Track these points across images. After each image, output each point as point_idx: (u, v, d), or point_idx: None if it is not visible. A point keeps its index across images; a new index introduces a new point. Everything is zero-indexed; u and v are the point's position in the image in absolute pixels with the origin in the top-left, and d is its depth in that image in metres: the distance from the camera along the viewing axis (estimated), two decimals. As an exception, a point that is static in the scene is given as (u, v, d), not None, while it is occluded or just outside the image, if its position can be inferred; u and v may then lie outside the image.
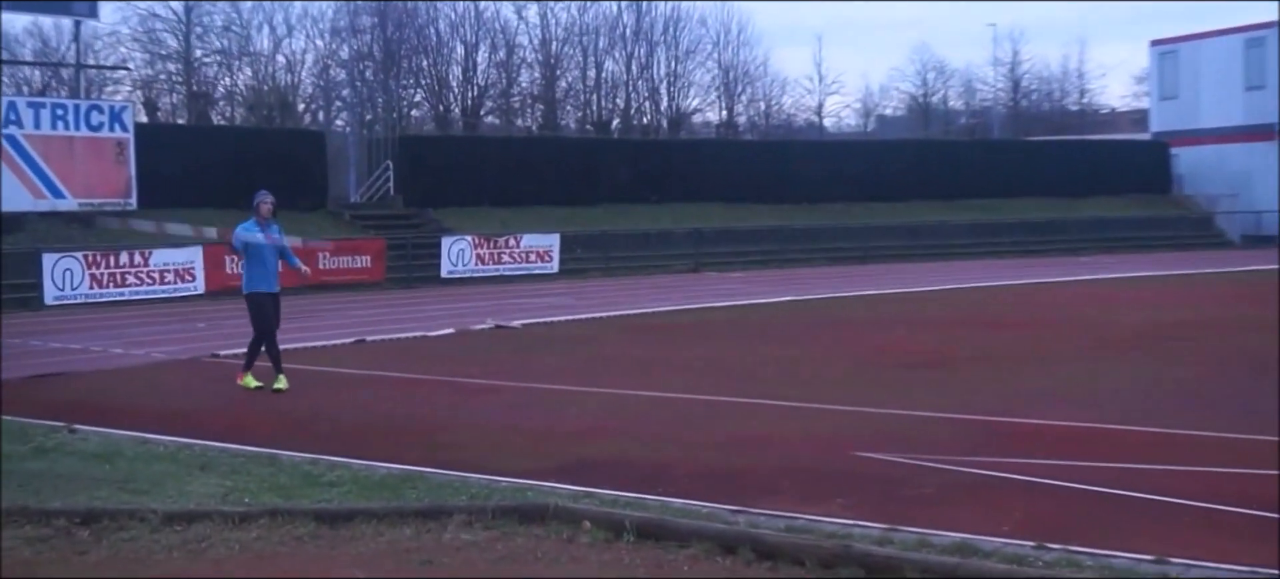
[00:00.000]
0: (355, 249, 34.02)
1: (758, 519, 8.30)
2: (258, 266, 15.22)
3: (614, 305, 26.78)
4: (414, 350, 19.63)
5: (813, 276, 35.60)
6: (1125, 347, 18.58)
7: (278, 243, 15.39)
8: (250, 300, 15.38)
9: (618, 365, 17.42)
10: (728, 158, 47.43)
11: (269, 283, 15.27)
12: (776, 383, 15.19)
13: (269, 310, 15.27)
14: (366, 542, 7.83)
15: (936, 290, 30.03)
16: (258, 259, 15.21)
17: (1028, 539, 7.67)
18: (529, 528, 8.00)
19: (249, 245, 15.16)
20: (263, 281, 15.24)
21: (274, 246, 15.31)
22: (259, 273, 15.23)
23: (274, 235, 15.34)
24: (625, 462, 10.62)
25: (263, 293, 15.24)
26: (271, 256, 15.27)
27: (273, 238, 15.31)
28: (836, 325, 22.45)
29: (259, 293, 15.25)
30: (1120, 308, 24.90)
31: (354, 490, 9.29)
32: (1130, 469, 9.87)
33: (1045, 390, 14.37)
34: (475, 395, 14.83)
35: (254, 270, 15.24)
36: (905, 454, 10.53)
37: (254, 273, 15.24)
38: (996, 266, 38.91)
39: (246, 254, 15.29)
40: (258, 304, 15.25)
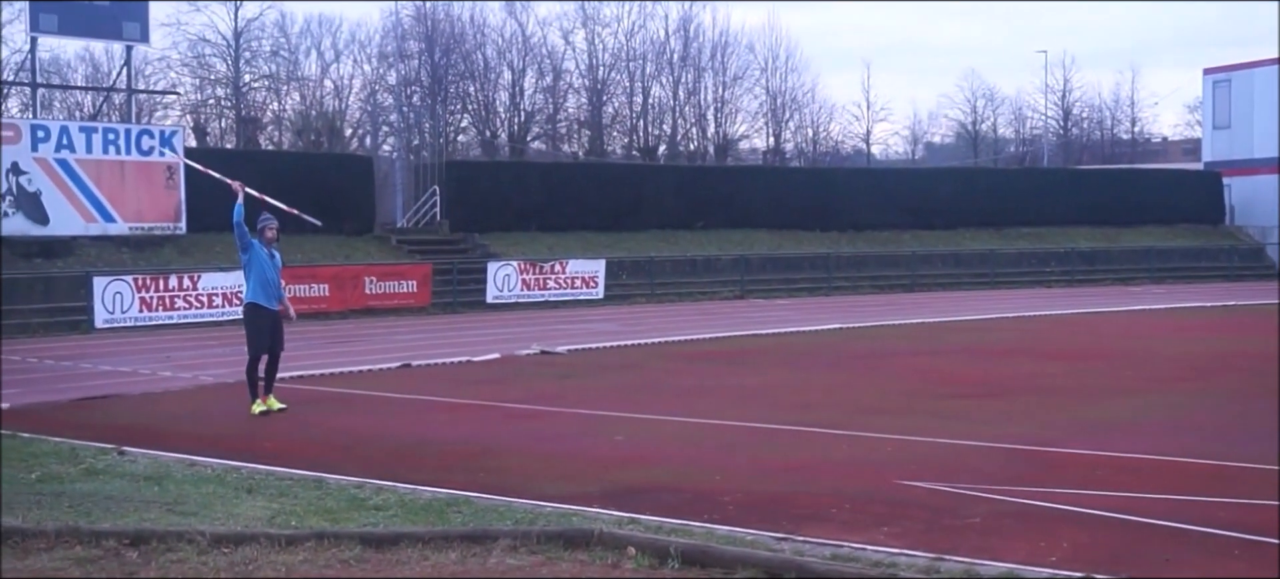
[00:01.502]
0: (401, 274, 34.16)
1: (803, 547, 8.26)
2: (259, 279, 15.34)
3: (659, 332, 26.77)
4: (459, 375, 19.67)
5: (859, 304, 35.49)
6: (1176, 378, 18.42)
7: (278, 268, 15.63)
8: (248, 311, 15.57)
9: (663, 392, 17.41)
10: (774, 184, 47.39)
11: (270, 299, 15.42)
12: (822, 410, 15.14)
13: (267, 326, 15.40)
14: (412, 566, 7.84)
15: (984, 319, 29.88)
16: (260, 271, 15.32)
17: (1076, 571, 7.61)
18: (574, 553, 8.00)
19: (254, 252, 15.27)
20: (264, 295, 15.38)
21: (275, 265, 15.49)
22: (260, 285, 15.35)
23: (276, 262, 15.57)
24: (670, 488, 10.61)
25: (263, 307, 15.38)
26: (273, 272, 15.40)
27: (277, 260, 15.59)
28: (883, 354, 22.36)
29: (258, 305, 15.40)
30: (1171, 338, 24.70)
31: (400, 514, 9.32)
32: (1180, 501, 9.77)
33: (1094, 420, 14.25)
34: (520, 420, 14.85)
35: (255, 282, 15.38)
36: (952, 483, 10.47)
37: (255, 284, 15.39)
38: (1045, 296, 38.69)
39: (249, 264, 15.37)
40: (255, 316, 15.42)
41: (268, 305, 15.41)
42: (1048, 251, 46.91)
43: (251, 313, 15.54)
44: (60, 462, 11.48)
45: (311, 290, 31.86)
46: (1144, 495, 9.95)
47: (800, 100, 69.04)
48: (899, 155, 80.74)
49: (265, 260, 15.33)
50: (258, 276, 15.34)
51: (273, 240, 15.50)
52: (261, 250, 15.32)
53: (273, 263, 15.43)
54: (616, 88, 63.82)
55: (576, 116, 64.80)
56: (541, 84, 62.72)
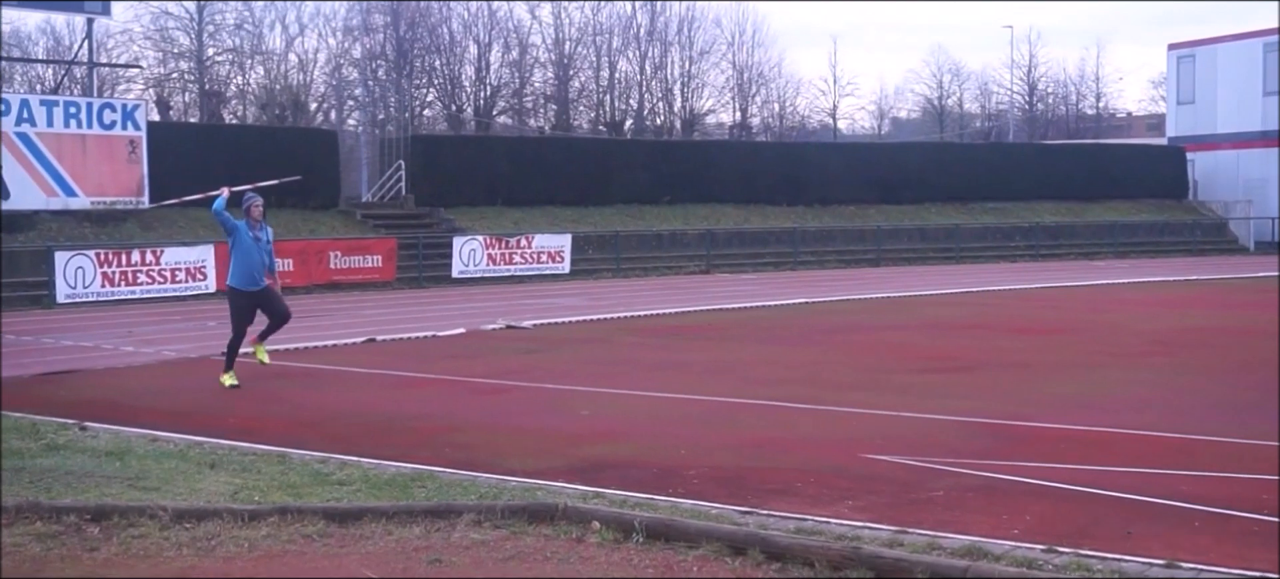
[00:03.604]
0: (366, 249, 34.04)
1: (767, 520, 8.27)
2: (241, 261, 15.33)
3: (625, 306, 26.76)
4: (425, 350, 19.62)
5: (825, 279, 35.56)
6: (1139, 352, 18.52)
7: (267, 246, 15.55)
8: (229, 294, 15.64)
9: (629, 366, 17.40)
10: (741, 159, 47.40)
11: (253, 280, 15.39)
12: (787, 385, 15.17)
13: (247, 308, 15.41)
14: (376, 540, 7.82)
15: (949, 294, 29.99)
16: (243, 253, 15.30)
17: (1038, 543, 7.64)
18: (538, 528, 7.99)
19: (238, 234, 15.25)
20: (245, 277, 15.37)
21: (262, 246, 15.43)
22: (241, 267, 15.34)
23: (264, 239, 15.49)
24: (636, 462, 10.60)
25: (242, 290, 15.39)
26: (257, 253, 15.36)
27: (262, 241, 15.47)
28: (848, 328, 22.41)
29: (237, 289, 15.42)
30: (1134, 313, 24.84)
31: (363, 489, 9.28)
32: (1142, 474, 9.83)
33: (1058, 394, 14.32)
34: (486, 395, 14.82)
35: (238, 264, 15.36)
36: (916, 457, 10.50)
37: (238, 267, 15.37)
38: (1010, 270, 38.85)
39: (233, 245, 15.37)
40: (235, 298, 15.47)
41: (248, 287, 15.36)
42: (1013, 226, 47.11)
43: (232, 296, 15.57)
44: (21, 437, 11.38)
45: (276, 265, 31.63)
46: (1107, 468, 10.00)
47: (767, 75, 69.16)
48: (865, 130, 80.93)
49: (249, 243, 15.28)
50: (240, 259, 15.30)
51: (259, 219, 15.42)
52: (246, 232, 15.28)
53: (258, 244, 15.35)
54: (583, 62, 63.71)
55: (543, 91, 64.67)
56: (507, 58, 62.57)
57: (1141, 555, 7.37)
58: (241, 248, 15.30)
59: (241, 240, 15.30)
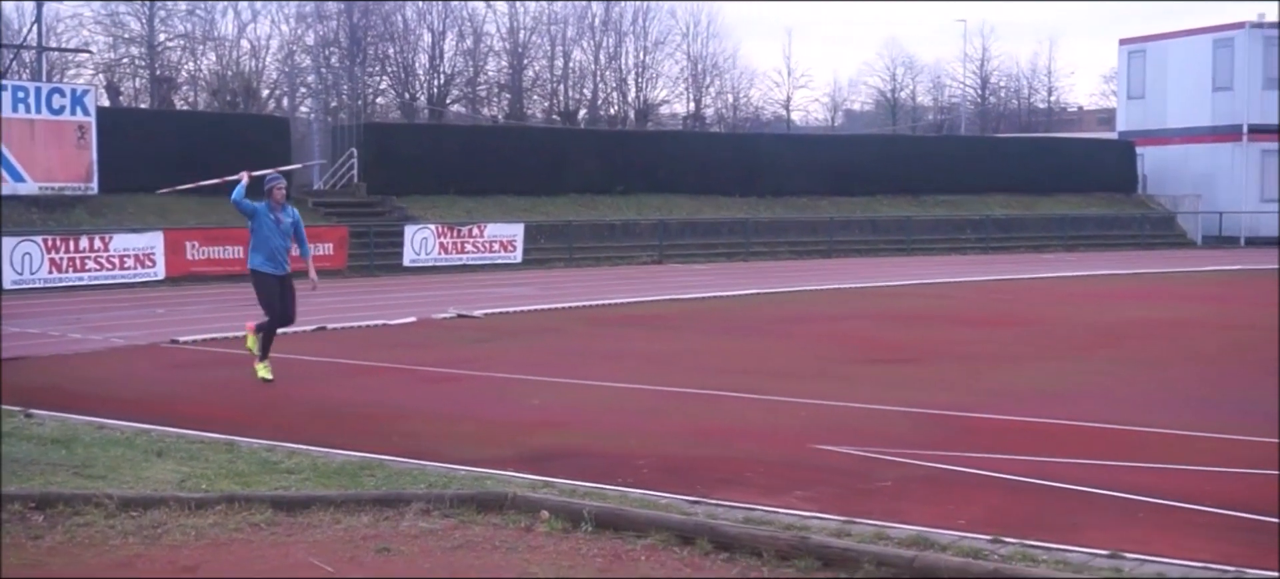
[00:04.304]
0: (317, 236, 33.78)
1: (716, 510, 8.29)
2: (262, 244, 14.54)
3: (577, 296, 26.75)
4: (375, 338, 19.56)
5: (777, 270, 35.65)
6: (1087, 344, 18.67)
7: (291, 229, 14.75)
8: (253, 277, 14.77)
9: (580, 356, 17.40)
10: (694, 150, 47.41)
11: (277, 263, 14.58)
12: (738, 375, 15.20)
13: (274, 290, 14.60)
14: (324, 529, 7.80)
15: (900, 285, 30.13)
16: (263, 236, 14.53)
17: (984, 533, 7.69)
18: (487, 517, 7.99)
19: (258, 218, 14.48)
20: (267, 260, 14.57)
21: (284, 229, 14.64)
22: (263, 250, 14.55)
23: (287, 221, 14.71)
24: (586, 452, 10.61)
25: (267, 273, 14.57)
26: (278, 237, 14.56)
27: (285, 223, 14.69)
28: (799, 319, 22.48)
29: (262, 272, 14.60)
30: (1082, 305, 25.03)
31: (312, 478, 9.25)
32: (1088, 465, 9.91)
33: (1006, 386, 14.43)
34: (436, 384, 14.79)
35: (259, 247, 14.57)
36: (865, 447, 10.55)
37: (259, 249, 14.58)
38: (961, 262, 39.07)
39: (253, 229, 14.61)
40: (259, 281, 14.64)
41: (273, 270, 14.62)
42: (964, 218, 47.36)
43: (255, 279, 14.76)
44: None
45: (225, 252, 31.54)
46: (1054, 460, 10.08)
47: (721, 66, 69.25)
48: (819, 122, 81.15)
49: (270, 226, 14.52)
50: (260, 242, 14.56)
51: (281, 201, 14.67)
52: (267, 215, 14.52)
53: (280, 227, 14.62)
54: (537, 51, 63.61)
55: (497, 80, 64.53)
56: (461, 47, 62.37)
57: (1086, 546, 7.43)
58: (262, 231, 14.54)
59: (262, 224, 14.53)
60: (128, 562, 7.15)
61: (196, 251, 31.21)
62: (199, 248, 31.30)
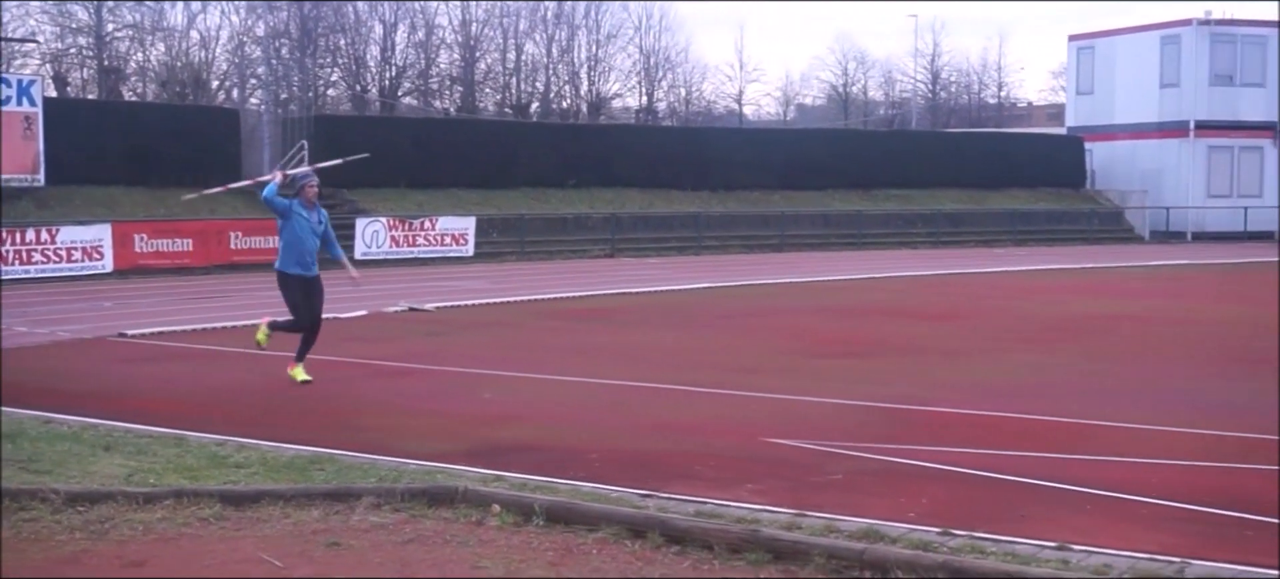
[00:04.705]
0: (268, 229, 33.52)
1: (667, 504, 8.30)
2: (291, 244, 13.95)
3: (529, 289, 26.71)
4: (325, 332, 19.33)
5: (729, 263, 35.72)
6: (1036, 338, 18.80)
7: (321, 230, 14.21)
8: (279, 279, 14.24)
9: (532, 349, 17.38)
10: (646, 143, 47.43)
11: (305, 265, 14.04)
12: (690, 368, 15.22)
13: (299, 293, 14.08)
14: (273, 523, 7.77)
15: (851, 279, 30.25)
16: (292, 236, 13.93)
17: (934, 525, 7.74)
18: (437, 510, 7.97)
19: (291, 217, 13.86)
20: (296, 262, 13.99)
21: (315, 229, 14.09)
22: (291, 251, 13.97)
23: (319, 222, 14.16)
24: (537, 446, 10.61)
25: (293, 274, 14.04)
26: (311, 237, 14.00)
27: (316, 223, 14.12)
28: (750, 312, 22.53)
29: (287, 273, 14.06)
30: (1032, 300, 25.21)
31: (261, 472, 9.19)
32: (1037, 457, 9.99)
33: (956, 379, 14.51)
34: (387, 378, 14.75)
35: (289, 247, 13.98)
36: (816, 440, 10.59)
37: (289, 250, 13.98)
38: (911, 257, 39.27)
39: (283, 228, 13.99)
40: (285, 284, 14.14)
41: (301, 272, 14.01)
42: (914, 213, 47.58)
43: (281, 281, 14.24)
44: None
45: (175, 245, 31.34)
46: (1002, 452, 10.16)
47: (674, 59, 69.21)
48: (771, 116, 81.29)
49: (301, 224, 13.89)
50: (291, 242, 13.94)
51: (314, 200, 14.10)
52: (299, 214, 13.93)
53: (312, 226, 14.01)
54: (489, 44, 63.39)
55: (448, 72, 64.29)
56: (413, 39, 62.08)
57: (1034, 538, 7.49)
58: (294, 231, 13.88)
59: (294, 223, 13.87)
60: (74, 557, 7.09)
61: (145, 244, 30.95)
62: (147, 240, 31.04)
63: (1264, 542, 7.63)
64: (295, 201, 13.99)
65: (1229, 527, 7.98)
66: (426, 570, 6.91)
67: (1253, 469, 9.77)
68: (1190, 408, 12.47)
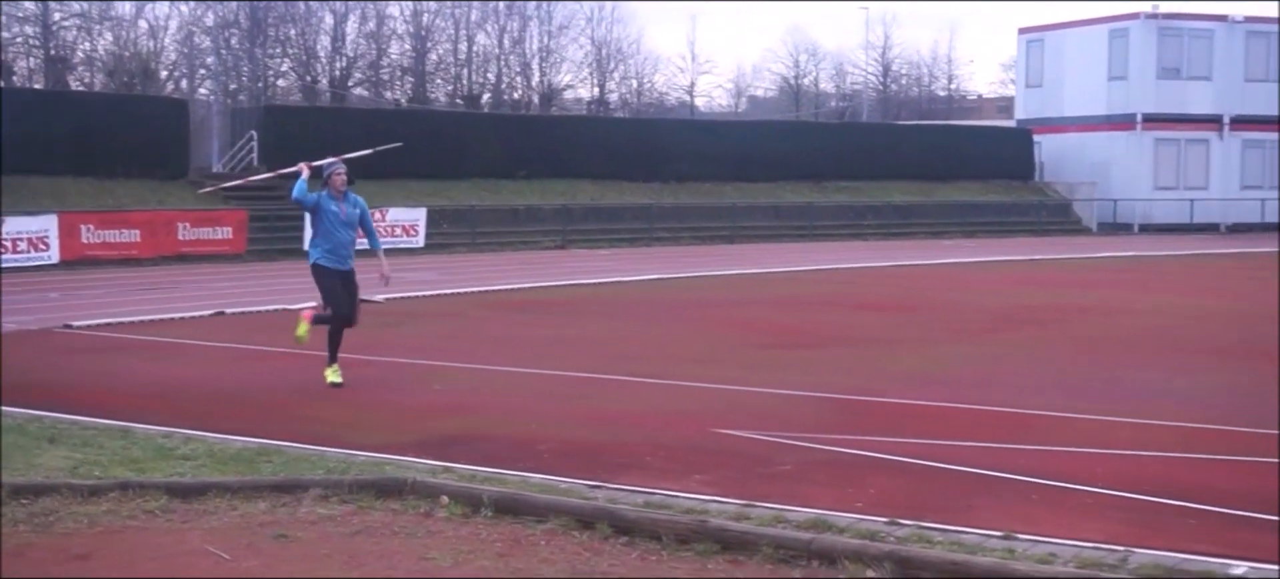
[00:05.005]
0: (216, 220, 33.46)
1: (616, 494, 8.31)
2: (326, 237, 13.22)
3: (480, 281, 26.66)
4: (274, 323, 19.34)
5: (680, 255, 35.76)
6: (984, 329, 18.92)
7: (356, 219, 13.41)
8: (315, 273, 13.42)
9: (482, 341, 17.35)
10: (597, 135, 47.41)
11: (340, 258, 13.27)
12: (640, 360, 15.24)
13: (337, 284, 13.28)
14: (220, 515, 7.73)
15: (801, 271, 30.35)
16: (324, 228, 13.22)
17: (881, 515, 7.78)
18: (386, 502, 7.96)
19: (320, 208, 13.21)
20: (329, 255, 13.25)
21: (348, 220, 13.31)
22: (327, 244, 13.23)
23: (352, 210, 13.38)
24: (487, 437, 10.59)
25: (328, 268, 13.27)
26: (342, 229, 13.24)
27: (349, 212, 13.35)
28: (701, 304, 22.57)
29: (323, 267, 13.29)
30: (980, 291, 25.36)
31: (208, 464, 9.15)
32: (983, 447, 10.06)
33: (905, 370, 14.59)
34: (337, 369, 14.65)
35: (322, 240, 13.27)
36: (765, 431, 10.62)
37: (322, 243, 13.28)
38: (862, 248, 39.43)
39: (315, 221, 13.34)
40: (321, 276, 13.34)
41: (336, 266, 13.24)
42: (865, 205, 47.79)
43: (316, 273, 13.47)
44: None
45: (122, 236, 31.09)
46: (950, 443, 10.22)
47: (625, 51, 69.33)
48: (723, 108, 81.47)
49: (332, 216, 13.18)
50: (324, 235, 13.21)
51: (342, 188, 13.35)
52: (329, 205, 13.17)
53: (344, 217, 13.24)
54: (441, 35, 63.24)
55: (400, 63, 64.06)
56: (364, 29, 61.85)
57: (980, 527, 7.55)
58: (325, 223, 13.18)
59: (325, 215, 13.18)
60: (19, 550, 7.03)
61: (92, 235, 30.68)
62: (94, 231, 30.77)
63: (1205, 530, 7.72)
64: (324, 194, 13.34)
65: (1171, 515, 8.07)
66: (374, 562, 6.89)
67: (1195, 459, 9.89)
68: (1135, 398, 12.59)
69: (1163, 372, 14.69)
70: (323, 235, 13.27)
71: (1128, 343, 17.41)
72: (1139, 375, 14.38)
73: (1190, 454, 10.01)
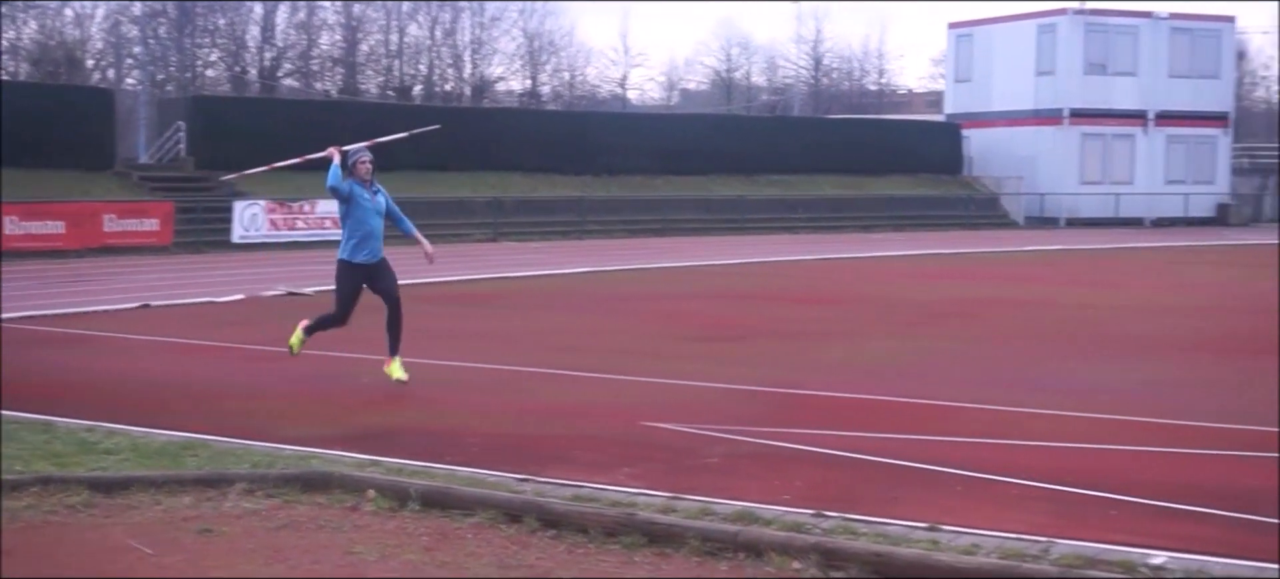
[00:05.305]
0: (143, 212, 33.11)
1: (544, 488, 8.31)
2: (358, 229, 12.73)
3: (410, 273, 26.44)
4: (201, 316, 19.20)
5: (612, 248, 35.77)
6: (912, 322, 19.06)
7: (384, 207, 13.01)
8: (342, 270, 12.90)
9: (411, 333, 17.15)
10: (529, 127, 47.30)
11: (372, 251, 12.83)
12: (570, 353, 15.24)
13: (357, 286, 12.87)
14: (143, 510, 7.65)
15: (732, 264, 30.43)
16: (358, 220, 12.71)
17: (807, 507, 7.82)
18: (312, 496, 7.90)
19: (355, 199, 12.70)
20: (362, 249, 12.76)
21: (378, 208, 12.89)
22: (359, 236, 12.74)
23: (379, 199, 12.95)
24: (415, 430, 10.56)
25: (357, 265, 12.76)
26: (374, 219, 12.77)
27: (377, 201, 12.90)
28: (632, 297, 22.60)
29: (352, 264, 12.78)
30: (909, 284, 25.55)
31: (132, 458, 9.04)
32: (910, 440, 10.13)
33: (833, 363, 14.67)
34: (263, 362, 14.58)
35: (354, 232, 12.74)
36: (694, 424, 10.64)
37: (354, 236, 12.75)
38: (792, 242, 39.60)
39: (346, 215, 12.79)
40: (343, 274, 12.86)
41: (367, 260, 12.75)
42: (795, 198, 47.98)
43: (343, 271, 12.90)
44: None
45: (47, 228, 30.69)
46: (877, 435, 10.29)
47: (558, 43, 69.13)
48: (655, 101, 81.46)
49: (367, 208, 12.71)
50: (355, 226, 12.71)
51: (368, 176, 12.84)
52: (362, 196, 12.71)
53: (375, 205, 12.81)
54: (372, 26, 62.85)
55: (330, 54, 63.60)
56: (294, 19, 61.36)
57: (905, 519, 7.61)
58: (358, 215, 12.67)
59: (359, 206, 12.67)
60: (-65, 546, 6.93)
61: (15, 227, 30.26)
62: (18, 223, 30.35)
63: (1126, 520, 7.82)
64: (354, 184, 12.88)
65: (1093, 506, 8.16)
66: (299, 556, 6.84)
67: (1117, 450, 10.00)
68: (1060, 390, 12.72)
69: (1087, 364, 14.86)
70: (356, 223, 12.73)
71: (1053, 336, 17.59)
72: (1064, 368, 14.53)
73: (1112, 445, 10.13)
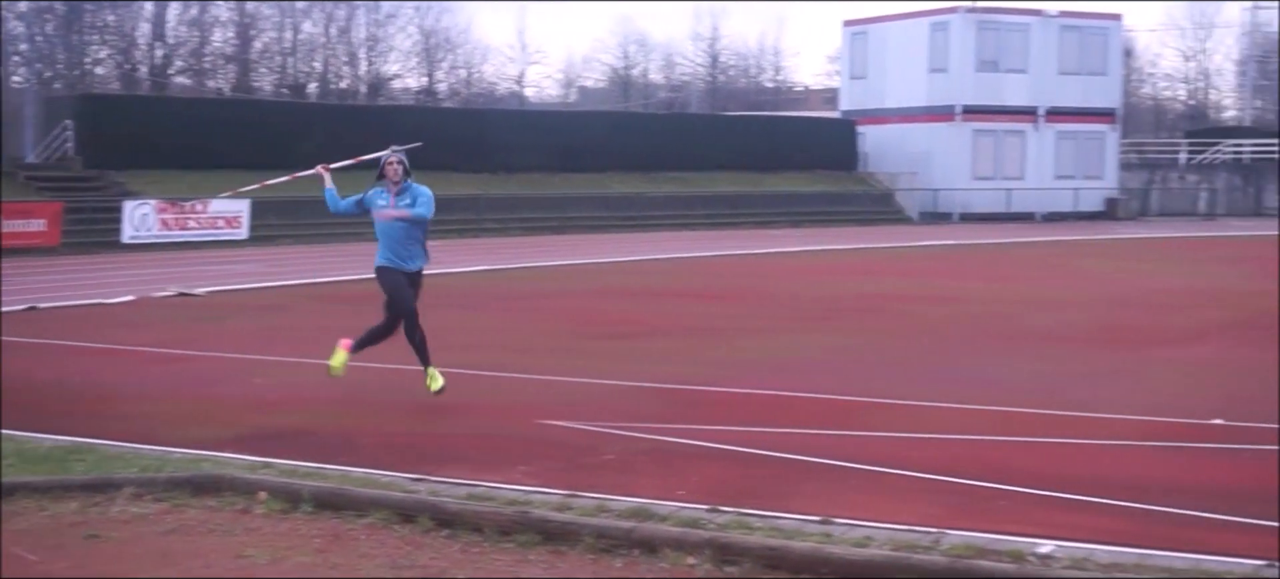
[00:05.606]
0: (29, 212, 32.45)
1: (438, 487, 8.27)
2: (380, 236, 12.14)
3: (306, 273, 26.29)
4: (90, 318, 18.86)
5: (509, 246, 35.67)
6: (809, 317, 19.21)
7: (407, 213, 12.01)
8: (378, 275, 12.32)
9: (306, 334, 17.10)
10: (425, 124, 46.85)
11: (400, 258, 12.09)
12: (467, 351, 15.15)
13: (403, 283, 12.15)
14: (28, 517, 7.49)
15: (630, 261, 30.48)
16: (377, 227, 12.13)
17: (703, 503, 7.85)
18: (202, 499, 7.79)
19: (366, 208, 12.24)
20: (392, 255, 12.09)
21: (400, 219, 12.00)
22: (383, 243, 12.13)
23: (406, 203, 12.03)
24: (309, 432, 10.45)
25: (391, 268, 12.13)
26: (396, 228, 12.00)
27: (401, 207, 12.01)
28: (529, 295, 22.55)
29: (386, 268, 12.16)
30: (807, 280, 25.73)
31: (16, 463, 8.85)
32: (806, 434, 10.21)
33: (731, 359, 14.73)
34: (152, 364, 14.35)
35: (378, 240, 12.23)
36: (591, 422, 10.64)
37: (379, 243, 12.23)
38: (690, 238, 39.71)
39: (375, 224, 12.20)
40: (386, 277, 12.20)
41: (397, 265, 12.10)
42: (693, 195, 48.11)
43: (379, 275, 12.29)
44: None
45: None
46: (774, 430, 10.36)
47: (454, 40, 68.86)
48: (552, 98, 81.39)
49: (381, 211, 12.09)
50: (378, 231, 12.15)
51: (397, 180, 12.01)
52: (378, 201, 12.10)
53: (397, 216, 12.02)
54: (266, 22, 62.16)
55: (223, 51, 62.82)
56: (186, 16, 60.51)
57: (798, 512, 7.66)
58: (377, 225, 12.14)
59: (372, 212, 12.16)
60: None
61: None
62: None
63: (1016, 510, 7.94)
64: (374, 190, 12.25)
65: (984, 497, 8.28)
66: (189, 561, 6.74)
67: (1009, 441, 10.16)
68: (952, 383, 12.88)
69: (980, 357, 15.07)
70: (380, 232, 12.19)
71: (948, 329, 17.82)
72: (958, 361, 14.72)
73: (1004, 437, 10.28)
